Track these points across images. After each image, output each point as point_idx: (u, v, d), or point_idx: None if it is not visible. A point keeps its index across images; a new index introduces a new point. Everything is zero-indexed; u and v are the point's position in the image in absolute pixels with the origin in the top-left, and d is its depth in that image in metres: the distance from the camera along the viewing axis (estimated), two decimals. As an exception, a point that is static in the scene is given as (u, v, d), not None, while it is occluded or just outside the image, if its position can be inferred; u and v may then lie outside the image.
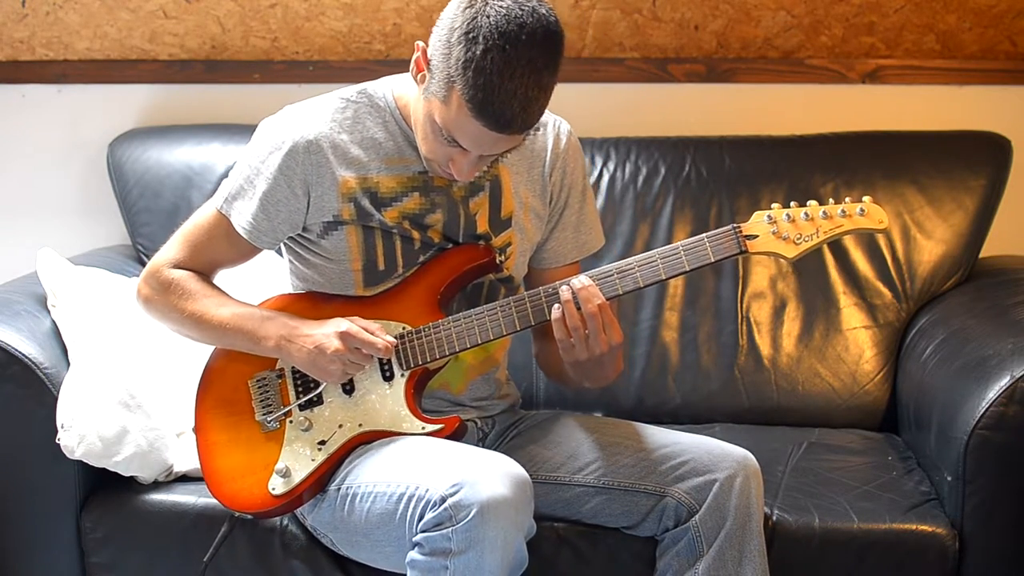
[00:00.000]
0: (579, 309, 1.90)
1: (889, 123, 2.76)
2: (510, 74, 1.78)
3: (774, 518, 2.09)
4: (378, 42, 2.94)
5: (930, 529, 2.09)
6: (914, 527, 2.09)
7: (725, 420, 2.57)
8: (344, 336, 1.93)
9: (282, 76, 2.96)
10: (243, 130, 2.82)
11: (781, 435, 2.47)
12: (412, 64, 1.90)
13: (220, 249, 2.06)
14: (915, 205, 2.63)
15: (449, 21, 1.83)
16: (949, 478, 2.12)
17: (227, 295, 2.07)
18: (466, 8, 1.81)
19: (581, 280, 1.92)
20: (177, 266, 2.06)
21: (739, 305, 2.63)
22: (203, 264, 2.08)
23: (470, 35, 1.79)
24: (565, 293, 1.92)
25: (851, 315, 2.61)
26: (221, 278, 2.12)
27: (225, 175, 2.68)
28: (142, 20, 2.96)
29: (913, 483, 2.24)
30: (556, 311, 1.92)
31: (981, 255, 2.65)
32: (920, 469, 2.30)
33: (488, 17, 1.79)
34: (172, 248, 2.08)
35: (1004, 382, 2.05)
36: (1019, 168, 2.67)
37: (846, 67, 2.86)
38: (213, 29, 2.96)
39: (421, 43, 1.88)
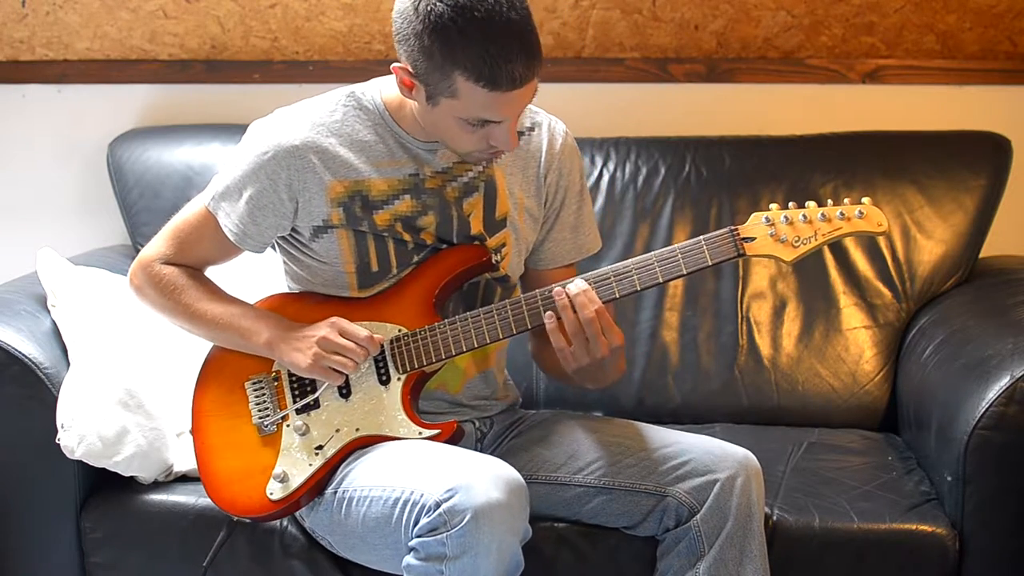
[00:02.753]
0: (576, 314, 1.90)
1: (889, 123, 2.75)
2: (495, 34, 1.78)
3: (774, 518, 2.09)
4: (378, 42, 2.94)
5: (930, 529, 2.08)
6: (914, 527, 2.09)
7: (725, 420, 2.57)
8: (322, 341, 1.94)
9: (282, 76, 2.96)
10: (243, 130, 2.81)
11: (781, 435, 2.47)
12: (399, 85, 1.90)
13: (208, 247, 2.07)
14: (915, 205, 2.63)
15: (410, 29, 1.82)
16: (949, 478, 2.12)
17: (220, 290, 2.07)
18: (415, 11, 1.81)
19: (578, 284, 1.91)
20: (167, 262, 2.07)
21: (739, 305, 2.63)
22: (192, 260, 2.08)
23: (437, 27, 1.79)
24: (561, 299, 1.91)
25: (851, 315, 2.61)
26: (215, 275, 2.12)
27: (225, 175, 2.70)
28: (142, 20, 2.96)
29: (913, 483, 2.23)
30: (550, 321, 1.91)
31: (981, 255, 2.65)
32: (920, 469, 2.30)
33: (440, 2, 1.78)
34: (161, 243, 2.08)
35: (1004, 382, 2.05)
36: (1019, 168, 2.67)
37: (846, 67, 2.86)
38: (213, 29, 2.96)
39: (396, 64, 1.88)
